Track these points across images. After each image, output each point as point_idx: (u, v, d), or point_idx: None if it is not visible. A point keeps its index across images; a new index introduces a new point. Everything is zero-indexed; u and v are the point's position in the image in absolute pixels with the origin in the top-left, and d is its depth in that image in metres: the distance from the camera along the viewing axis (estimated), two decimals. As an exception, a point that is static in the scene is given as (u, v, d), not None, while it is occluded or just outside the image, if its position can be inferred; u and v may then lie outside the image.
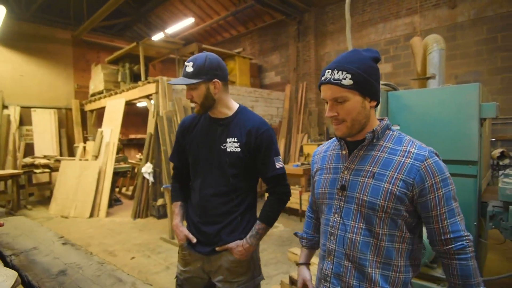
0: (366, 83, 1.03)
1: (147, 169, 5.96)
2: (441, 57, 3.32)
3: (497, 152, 3.73)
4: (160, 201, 6.04)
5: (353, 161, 1.12)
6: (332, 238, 1.14)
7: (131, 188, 8.33)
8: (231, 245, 1.55)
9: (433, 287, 2.28)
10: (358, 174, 1.09)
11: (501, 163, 3.75)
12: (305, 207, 5.71)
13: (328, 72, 1.06)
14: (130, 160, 7.82)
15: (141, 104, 8.48)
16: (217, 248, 1.56)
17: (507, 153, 3.73)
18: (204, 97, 1.53)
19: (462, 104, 2.72)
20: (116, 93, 7.44)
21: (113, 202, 7.00)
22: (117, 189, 7.87)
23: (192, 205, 1.67)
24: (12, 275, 1.35)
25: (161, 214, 5.95)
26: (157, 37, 7.80)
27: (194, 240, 1.60)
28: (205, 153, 1.59)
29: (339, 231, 1.12)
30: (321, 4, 8.71)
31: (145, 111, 10.20)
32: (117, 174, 6.80)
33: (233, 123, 1.59)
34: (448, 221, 1.02)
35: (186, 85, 1.50)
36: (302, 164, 6.31)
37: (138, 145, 9.91)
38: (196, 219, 1.62)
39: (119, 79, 7.72)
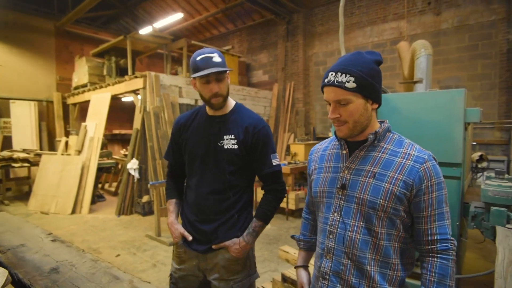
0: (369, 86, 1.05)
1: (132, 165, 5.86)
2: (428, 62, 3.43)
3: (476, 155, 3.89)
4: (145, 198, 5.95)
5: (354, 161, 1.14)
6: (331, 236, 1.15)
7: (114, 184, 8.17)
8: (228, 243, 1.54)
9: (416, 284, 2.36)
10: (359, 174, 1.11)
11: (479, 166, 3.91)
12: (291, 205, 5.76)
13: (332, 74, 1.07)
14: (114, 156, 7.65)
15: (126, 99, 8.32)
16: (213, 246, 1.55)
17: (485, 157, 3.89)
18: (228, 88, 1.54)
19: (448, 109, 2.83)
20: (101, 87, 7.26)
21: (96, 198, 6.84)
22: (100, 185, 7.69)
23: (188, 203, 1.66)
24: (1, 272, 1.30)
25: (146, 211, 5.87)
26: (145, 31, 7.65)
27: (190, 238, 1.59)
28: (202, 151, 1.58)
29: (338, 229, 1.13)
30: (310, 5, 8.78)
31: (130, 106, 10.03)
32: (101, 169, 6.64)
33: (230, 120, 1.58)
34: (437, 223, 1.06)
35: (219, 73, 1.46)
36: (289, 163, 6.37)
37: (122, 140, 9.71)
38: (192, 217, 1.61)
39: (105, 73, 7.53)
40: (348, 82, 1.03)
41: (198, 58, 1.45)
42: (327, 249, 1.16)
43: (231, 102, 1.63)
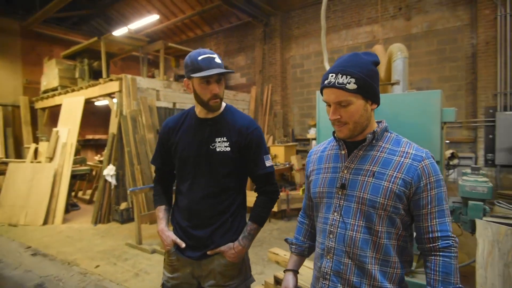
0: (369, 87, 1.07)
1: (109, 171, 5.64)
2: (404, 64, 3.57)
3: (448, 153, 4.10)
4: (123, 205, 5.75)
5: (353, 161, 1.15)
6: (331, 236, 1.14)
7: (88, 192, 7.82)
8: (224, 248, 1.51)
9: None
10: (358, 173, 1.12)
11: (451, 163, 4.12)
12: (274, 207, 5.77)
13: (332, 75, 1.07)
14: (88, 162, 7.34)
15: (100, 102, 8.01)
16: (208, 252, 1.51)
17: (456, 154, 4.10)
18: (224, 91, 1.51)
19: (425, 109, 2.95)
20: (73, 90, 6.96)
21: (70, 207, 6.52)
22: (73, 194, 7.35)
23: (179, 208, 1.61)
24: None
25: (125, 218, 5.67)
26: (119, 32, 7.42)
27: (183, 245, 1.54)
28: (193, 154, 1.53)
29: (338, 229, 1.13)
30: (287, 8, 8.90)
31: (104, 110, 9.66)
32: (75, 177, 6.35)
33: (221, 122, 1.55)
34: (437, 220, 1.07)
35: (219, 75, 1.44)
36: (270, 165, 6.38)
37: (96, 146, 9.34)
38: (184, 223, 1.56)
39: (77, 76, 7.22)
40: (349, 83, 1.04)
41: (200, 58, 1.41)
42: (327, 249, 1.15)
43: (222, 104, 1.60)
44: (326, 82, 1.09)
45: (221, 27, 10.27)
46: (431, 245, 1.07)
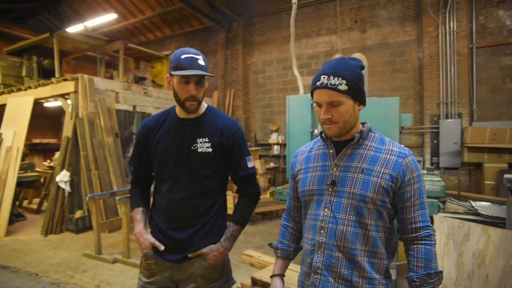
0: (358, 89, 1.15)
1: (63, 177, 5.23)
2: (365, 74, 3.83)
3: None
4: (78, 213, 5.36)
5: (342, 159, 1.21)
6: (322, 231, 1.19)
7: (36, 200, 7.17)
8: (205, 250, 1.48)
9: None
10: (348, 170, 1.19)
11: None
12: (239, 211, 5.78)
13: (324, 77, 1.13)
14: (36, 169, 6.74)
15: (50, 104, 7.44)
16: (189, 255, 1.48)
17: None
18: (204, 93, 1.49)
19: (386, 114, 3.20)
20: (19, 90, 6.36)
21: (14, 218, 5.91)
22: (17, 203, 6.67)
23: (157, 211, 1.56)
24: None
25: (80, 227, 5.29)
26: (74, 29, 6.97)
27: (162, 248, 1.49)
28: (174, 155, 1.50)
29: (329, 224, 1.18)
30: (249, 15, 9.04)
31: (54, 112, 8.97)
32: (21, 184, 5.79)
33: (203, 123, 1.53)
34: (419, 212, 1.17)
35: (200, 76, 1.41)
36: (235, 169, 6.39)
37: (44, 151, 8.60)
38: (164, 226, 1.51)
39: (24, 74, 6.63)
40: (341, 84, 1.11)
41: (183, 57, 1.39)
42: (318, 244, 1.19)
43: (203, 105, 1.59)
44: (318, 83, 1.14)
45: (182, 30, 10.12)
46: (413, 234, 1.17)
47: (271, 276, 1.43)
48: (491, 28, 6.40)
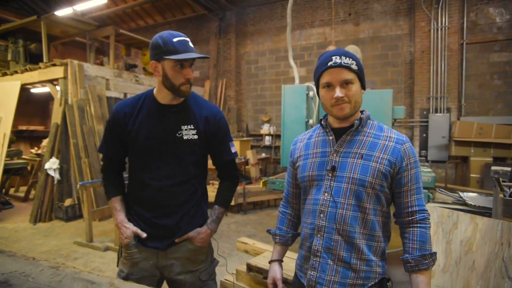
0: (362, 72, 1.21)
1: (52, 165, 5.14)
2: (359, 65, 3.86)
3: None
4: (68, 201, 5.30)
5: (341, 145, 1.25)
6: (322, 215, 1.23)
7: (23, 188, 7.03)
8: (192, 234, 1.50)
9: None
10: (347, 156, 1.22)
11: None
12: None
13: (336, 57, 1.16)
14: (23, 156, 6.59)
15: (37, 89, 7.25)
16: (176, 240, 1.49)
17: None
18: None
19: (379, 106, 3.25)
20: (5, 74, 6.17)
21: (1, 206, 5.80)
22: (3, 191, 6.54)
23: (139, 199, 1.52)
24: None
25: (70, 216, 5.23)
26: (63, 13, 6.76)
27: (144, 235, 1.47)
28: (158, 143, 1.46)
29: (329, 208, 1.21)
30: (242, 4, 8.93)
31: (41, 99, 8.75)
32: (8, 171, 5.66)
33: (186, 109, 1.50)
34: (415, 196, 1.22)
35: (192, 59, 1.39)
36: (227, 159, 6.39)
37: (30, 138, 8.41)
38: (148, 214, 1.50)
39: (9, 58, 6.40)
40: (353, 64, 1.16)
41: (175, 40, 1.34)
42: (318, 228, 1.23)
43: None
44: (331, 63, 1.16)
45: (174, 18, 9.95)
46: (409, 218, 1.21)
47: (270, 262, 1.45)
48: (481, 25, 6.51)
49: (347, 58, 1.16)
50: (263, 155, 8.60)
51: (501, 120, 6.24)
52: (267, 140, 8.75)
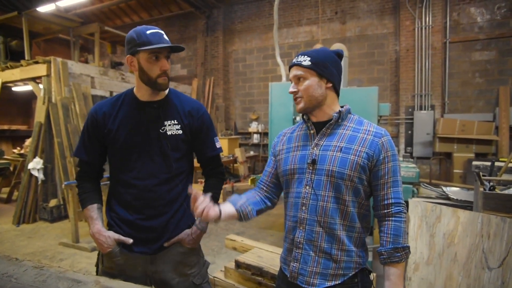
0: (323, 65, 1.23)
1: (35, 165, 5.02)
2: (345, 63, 3.92)
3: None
4: (53, 202, 5.18)
5: (321, 138, 1.27)
6: (304, 208, 1.25)
7: (5, 190, 6.84)
8: (181, 236, 1.46)
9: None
10: (327, 149, 1.25)
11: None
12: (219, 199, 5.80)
13: (296, 58, 1.26)
14: (5, 156, 6.41)
15: (19, 88, 7.05)
16: (165, 244, 1.44)
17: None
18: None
19: (364, 103, 3.30)
20: (-15, 72, 5.99)
21: (-18, 207, 5.64)
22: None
23: (123, 202, 1.45)
24: None
25: (55, 217, 5.12)
26: (45, 9, 6.58)
27: (130, 241, 1.40)
28: (140, 141, 1.42)
29: (310, 201, 1.24)
30: (230, 2, 8.90)
31: (24, 97, 8.51)
32: (-11, 172, 5.50)
33: (168, 105, 1.47)
34: (392, 189, 1.24)
35: (168, 51, 1.37)
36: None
37: (12, 138, 8.18)
38: (132, 217, 1.42)
39: (-11, 55, 6.23)
40: (305, 61, 1.22)
41: (149, 32, 1.32)
42: (300, 220, 1.25)
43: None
44: (291, 63, 1.28)
45: (161, 15, 9.83)
46: (385, 211, 1.24)
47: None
48: (463, 24, 6.68)
49: (302, 56, 1.24)
50: (252, 153, 8.61)
51: (483, 117, 6.42)
52: (255, 138, 8.77)
